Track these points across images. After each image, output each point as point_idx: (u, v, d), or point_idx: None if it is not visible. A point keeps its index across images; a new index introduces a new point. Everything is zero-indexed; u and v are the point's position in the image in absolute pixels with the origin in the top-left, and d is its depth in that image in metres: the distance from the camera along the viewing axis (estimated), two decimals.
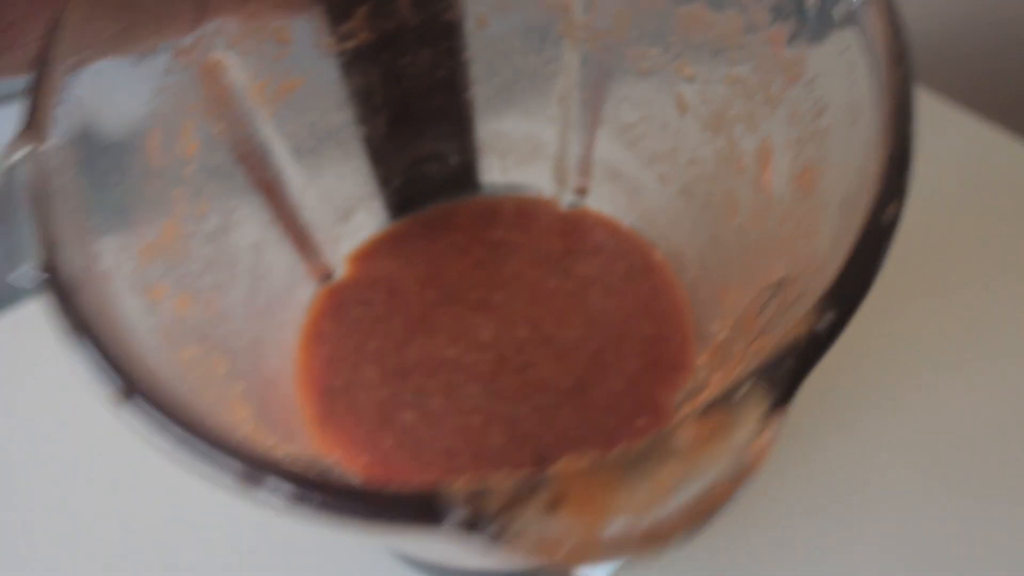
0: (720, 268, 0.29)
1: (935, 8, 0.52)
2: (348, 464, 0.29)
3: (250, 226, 0.29)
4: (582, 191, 0.35)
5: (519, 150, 0.34)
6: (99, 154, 0.21)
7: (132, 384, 0.16)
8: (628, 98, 0.30)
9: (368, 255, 0.34)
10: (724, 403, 0.16)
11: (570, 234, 0.34)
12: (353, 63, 0.29)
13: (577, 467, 0.16)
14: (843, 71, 0.20)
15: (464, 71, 0.31)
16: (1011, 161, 0.41)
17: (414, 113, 0.32)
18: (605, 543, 0.15)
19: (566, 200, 0.35)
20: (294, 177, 0.30)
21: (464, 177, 0.35)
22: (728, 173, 0.27)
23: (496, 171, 0.35)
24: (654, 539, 0.15)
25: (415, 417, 0.30)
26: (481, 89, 0.31)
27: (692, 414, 0.16)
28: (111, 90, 0.21)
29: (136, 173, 0.22)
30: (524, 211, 0.35)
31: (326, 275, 0.34)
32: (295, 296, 0.32)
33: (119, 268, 0.20)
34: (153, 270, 0.22)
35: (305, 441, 0.29)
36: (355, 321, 0.33)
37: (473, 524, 0.15)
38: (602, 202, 0.34)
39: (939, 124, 0.42)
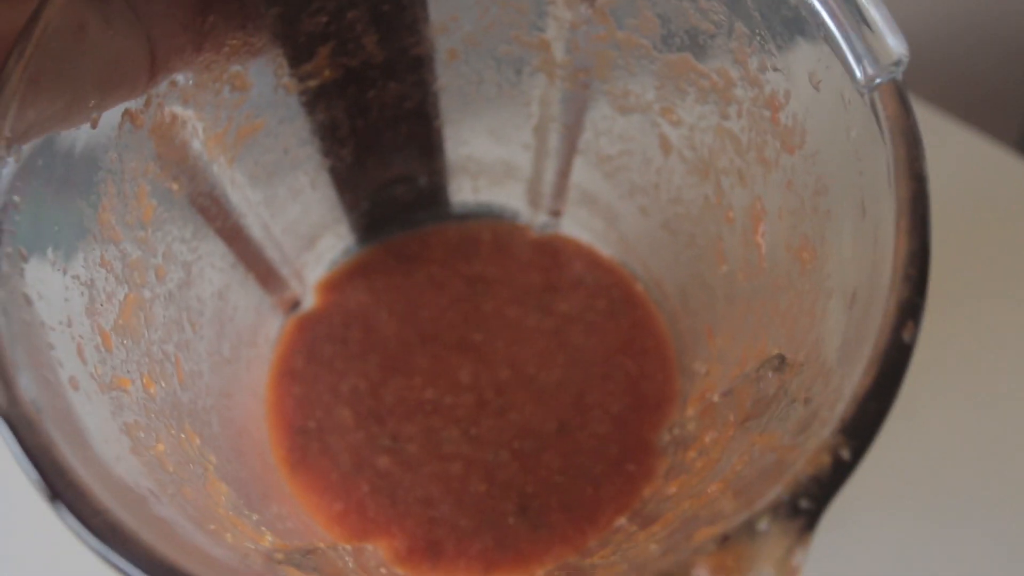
0: (704, 309, 0.29)
1: (924, 15, 0.52)
2: (321, 512, 0.29)
3: (213, 273, 0.27)
4: (556, 214, 0.33)
5: (491, 172, 0.33)
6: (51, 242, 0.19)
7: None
8: (608, 132, 0.29)
9: (339, 285, 0.33)
10: (746, 534, 0.15)
11: (549, 268, 0.33)
12: (317, 100, 0.27)
13: None
14: (850, 156, 0.19)
15: (434, 101, 0.29)
16: (998, 169, 0.40)
17: (382, 142, 0.30)
18: None
19: (540, 222, 0.34)
20: (256, 218, 0.28)
21: (434, 198, 0.34)
22: (715, 220, 0.26)
23: (467, 191, 0.34)
24: None
25: (391, 463, 0.29)
26: (452, 117, 0.30)
27: (710, 543, 0.15)
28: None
29: (92, 256, 0.21)
30: (500, 241, 0.34)
31: (294, 305, 0.32)
32: (262, 332, 0.31)
33: (82, 379, 0.19)
34: (118, 357, 0.21)
35: (285, 500, 0.28)
36: (329, 360, 0.31)
37: None
38: (578, 226, 0.33)
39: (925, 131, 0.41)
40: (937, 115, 0.41)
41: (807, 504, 0.15)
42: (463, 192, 0.34)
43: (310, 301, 0.33)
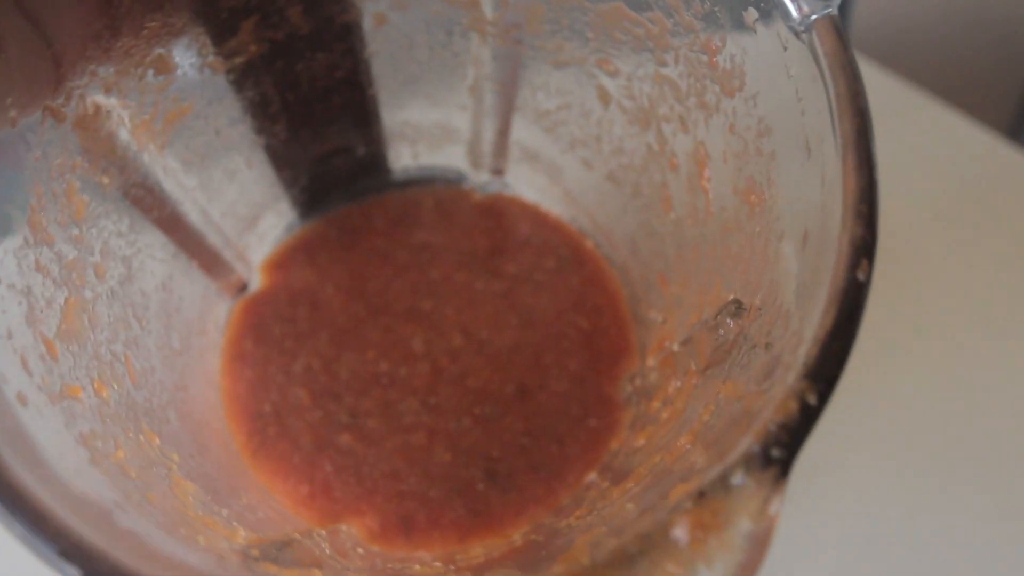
0: (655, 258, 0.28)
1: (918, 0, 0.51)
2: (288, 497, 0.28)
3: (155, 265, 0.26)
4: (499, 172, 0.33)
5: (430, 136, 0.32)
6: None
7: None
8: (545, 87, 0.28)
9: (283, 263, 0.32)
10: (721, 488, 0.15)
11: (494, 231, 0.33)
12: (244, 77, 0.26)
13: (576, 570, 0.15)
14: (791, 95, 0.19)
15: (366, 69, 0.28)
16: (986, 155, 0.40)
17: (315, 115, 0.29)
18: None
19: (481, 180, 0.33)
20: (194, 204, 0.28)
21: (374, 166, 0.33)
22: (659, 168, 0.26)
23: (407, 157, 0.33)
24: None
25: (353, 440, 0.29)
26: (386, 83, 0.29)
27: (686, 501, 0.15)
28: None
29: (27, 262, 0.20)
30: (443, 208, 0.34)
31: (241, 288, 0.32)
32: (211, 319, 0.30)
33: (30, 393, 0.18)
34: (65, 364, 0.20)
35: (253, 489, 0.27)
36: (278, 340, 0.31)
37: None
38: (521, 184, 0.33)
39: (911, 113, 0.41)
40: (929, 101, 0.41)
41: (778, 453, 0.15)
42: (403, 158, 0.33)
43: (257, 283, 0.32)
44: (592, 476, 0.28)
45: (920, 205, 0.38)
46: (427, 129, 0.32)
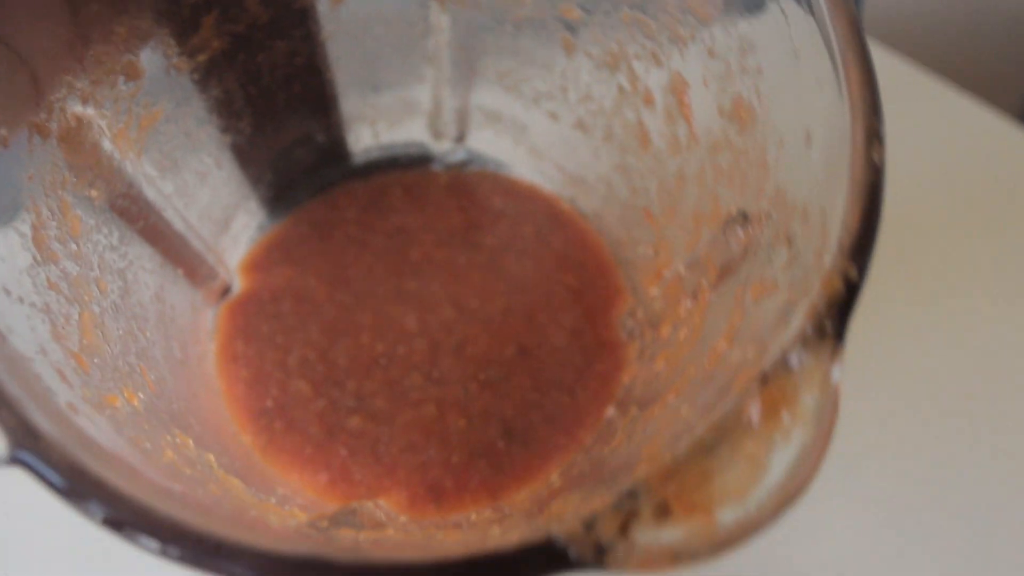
0: (635, 195, 0.29)
1: None
2: (310, 487, 0.28)
3: (146, 276, 0.26)
4: (461, 139, 0.33)
5: (389, 113, 0.32)
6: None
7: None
8: (506, 48, 0.29)
9: (260, 263, 0.32)
10: (783, 369, 0.16)
11: (467, 208, 0.33)
12: (209, 74, 0.26)
13: (659, 468, 0.16)
14: (773, 10, 0.20)
15: (323, 52, 0.28)
16: (993, 136, 0.40)
17: (277, 106, 0.29)
18: (724, 534, 0.15)
19: (444, 150, 0.34)
20: (174, 212, 0.27)
21: (335, 153, 0.33)
22: (633, 107, 0.27)
23: (367, 138, 0.33)
24: (766, 517, 0.15)
25: (363, 422, 0.29)
26: (344, 65, 0.29)
27: (753, 386, 0.16)
28: None
29: (39, 281, 0.20)
30: (411, 192, 0.34)
31: (224, 292, 0.31)
32: (202, 327, 0.30)
33: (77, 403, 0.18)
34: (95, 376, 0.20)
35: (281, 484, 0.27)
36: (268, 337, 0.31)
37: (600, 554, 0.15)
38: (485, 145, 0.33)
39: (921, 97, 0.41)
40: (939, 84, 0.41)
41: (831, 326, 0.16)
42: (363, 140, 0.33)
43: (237, 286, 0.32)
44: (610, 411, 0.28)
45: (930, 188, 0.39)
46: (386, 106, 0.32)
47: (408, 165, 0.35)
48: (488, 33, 0.28)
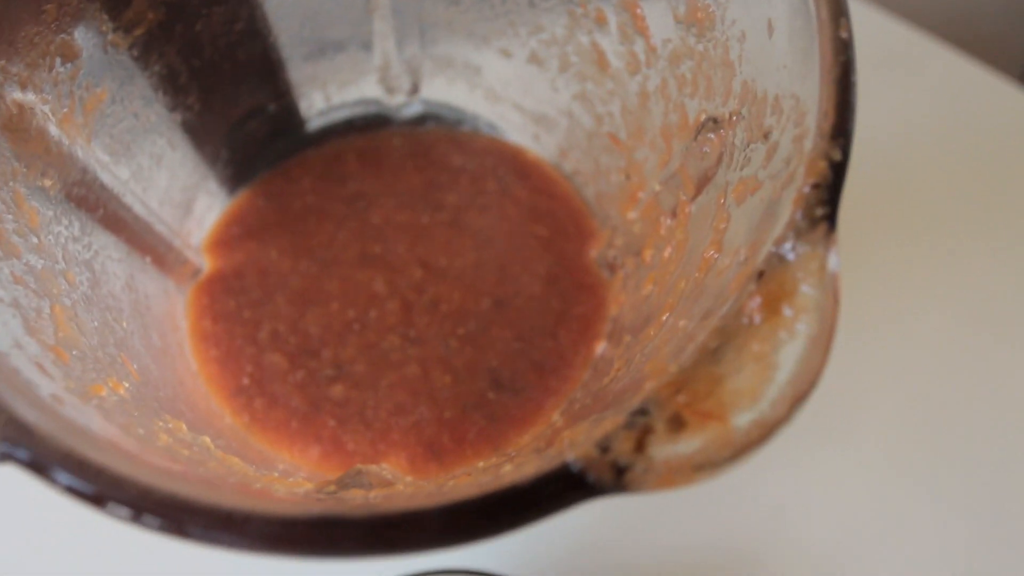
0: (600, 121, 0.29)
1: None
2: (299, 461, 0.28)
3: (114, 266, 0.25)
4: (415, 91, 0.33)
5: (338, 74, 0.32)
6: None
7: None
8: None
9: (223, 241, 0.31)
10: (777, 261, 0.16)
11: (424, 168, 0.32)
12: (148, 49, 0.25)
13: (667, 381, 0.16)
14: None
15: (263, 15, 0.28)
16: (991, 97, 0.40)
17: (223, 78, 0.28)
18: (741, 438, 0.15)
19: (398, 102, 0.33)
20: (134, 197, 0.26)
21: (288, 121, 0.32)
22: (585, 30, 0.26)
23: (320, 102, 0.32)
24: (782, 415, 0.15)
25: (346, 389, 0.28)
26: (286, 26, 0.28)
27: (748, 284, 0.16)
28: None
29: (4, 276, 0.19)
30: (366, 157, 0.33)
31: (195, 275, 0.31)
32: (178, 312, 0.29)
33: (62, 394, 0.17)
34: (77, 368, 0.19)
35: (279, 460, 0.27)
36: (235, 313, 0.30)
37: (619, 475, 0.14)
38: (440, 94, 0.33)
39: (917, 58, 0.41)
40: (941, 47, 0.41)
41: (821, 210, 0.16)
42: (316, 105, 0.33)
43: (205, 267, 0.31)
44: (602, 346, 0.28)
45: (932, 150, 0.38)
46: (334, 68, 0.31)
47: (365, 127, 0.34)
48: None
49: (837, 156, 0.16)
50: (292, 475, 0.23)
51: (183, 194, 0.30)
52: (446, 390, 0.28)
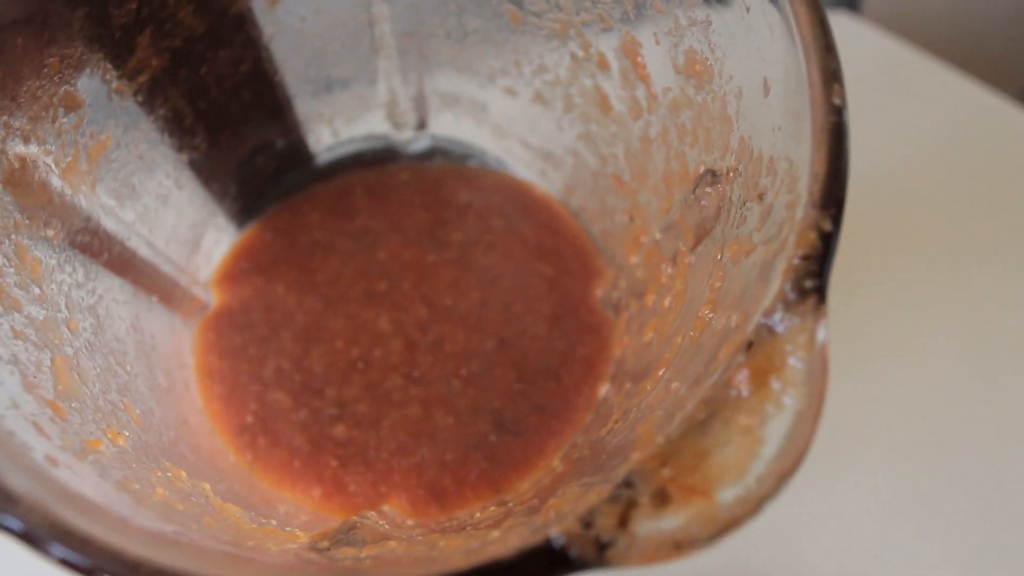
0: (604, 163, 0.29)
1: None
2: (302, 502, 0.28)
3: (119, 309, 0.25)
4: (422, 126, 0.33)
5: (345, 110, 0.32)
6: None
7: None
8: (453, 30, 0.28)
9: (231, 276, 0.32)
10: (766, 333, 0.16)
11: (432, 205, 0.32)
12: (153, 94, 0.25)
13: (654, 452, 0.15)
14: None
15: (268, 56, 0.28)
16: (992, 116, 0.40)
17: (230, 117, 0.29)
18: (726, 514, 0.15)
19: (405, 138, 0.33)
20: (139, 239, 0.27)
21: (297, 156, 0.33)
22: (588, 73, 0.26)
23: (327, 137, 0.33)
24: (768, 491, 0.15)
25: (348, 429, 0.28)
26: (291, 66, 0.29)
27: (737, 356, 0.16)
28: None
29: (3, 332, 0.19)
30: (373, 192, 0.33)
31: (202, 310, 0.31)
32: (185, 350, 0.30)
33: (56, 454, 0.17)
34: (75, 422, 0.20)
35: (281, 501, 0.27)
36: (240, 349, 0.30)
37: (601, 550, 0.14)
38: (447, 129, 0.33)
39: (919, 78, 0.41)
40: (942, 69, 0.41)
41: (811, 282, 0.16)
42: (323, 140, 0.33)
43: (213, 302, 0.31)
44: (605, 388, 0.28)
45: (935, 171, 0.38)
46: (342, 103, 0.31)
47: (373, 161, 0.34)
48: (432, 15, 0.28)
49: (827, 227, 0.16)
50: (291, 521, 0.24)
51: (191, 231, 0.30)
52: (448, 431, 0.28)
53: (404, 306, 0.30)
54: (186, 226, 0.30)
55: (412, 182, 0.33)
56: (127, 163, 0.26)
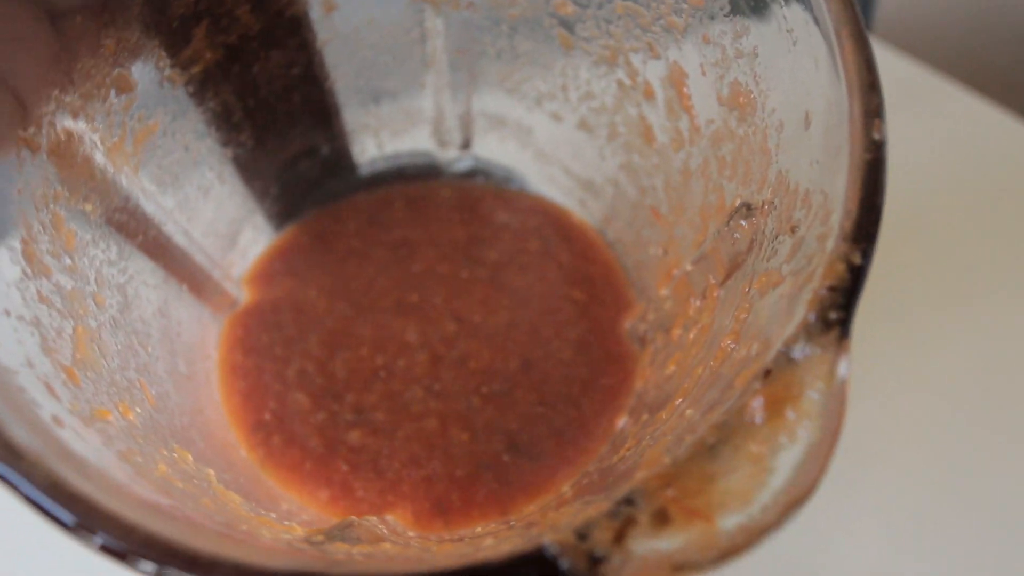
0: (643, 194, 0.29)
1: None
2: (307, 502, 0.27)
3: (148, 292, 0.26)
4: (466, 146, 0.33)
5: (392, 123, 0.32)
6: None
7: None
8: (503, 49, 0.28)
9: (264, 275, 0.32)
10: (786, 362, 0.15)
11: (470, 222, 0.33)
12: (204, 87, 0.26)
13: (658, 473, 0.15)
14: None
15: (320, 61, 0.28)
16: (1009, 137, 0.39)
17: (278, 117, 0.29)
18: (726, 541, 0.14)
19: (450, 157, 0.33)
20: (176, 226, 0.27)
21: (340, 165, 0.33)
22: (634, 102, 0.26)
23: (372, 148, 0.33)
24: (771, 522, 0.14)
25: (363, 435, 0.28)
26: (342, 73, 0.29)
27: (754, 383, 0.15)
28: None
29: (29, 295, 0.20)
30: (414, 205, 0.33)
31: (232, 307, 0.31)
32: (210, 342, 0.30)
33: (64, 416, 0.17)
34: (88, 390, 0.20)
35: (286, 499, 0.27)
36: (267, 348, 0.30)
37: (594, 564, 0.14)
38: (491, 151, 0.33)
39: (934, 100, 0.41)
40: (954, 87, 0.41)
41: (836, 314, 0.15)
42: (368, 151, 0.33)
43: (243, 298, 0.32)
44: (623, 420, 0.28)
45: (947, 190, 0.38)
46: (388, 116, 0.32)
47: (415, 176, 0.34)
48: (484, 34, 0.28)
49: (857, 260, 0.16)
50: (290, 518, 0.23)
51: (229, 226, 0.31)
52: (462, 447, 0.28)
53: (433, 319, 0.30)
54: (225, 221, 0.30)
55: (452, 199, 0.33)
56: (172, 151, 0.26)
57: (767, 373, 0.15)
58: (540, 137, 0.31)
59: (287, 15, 0.26)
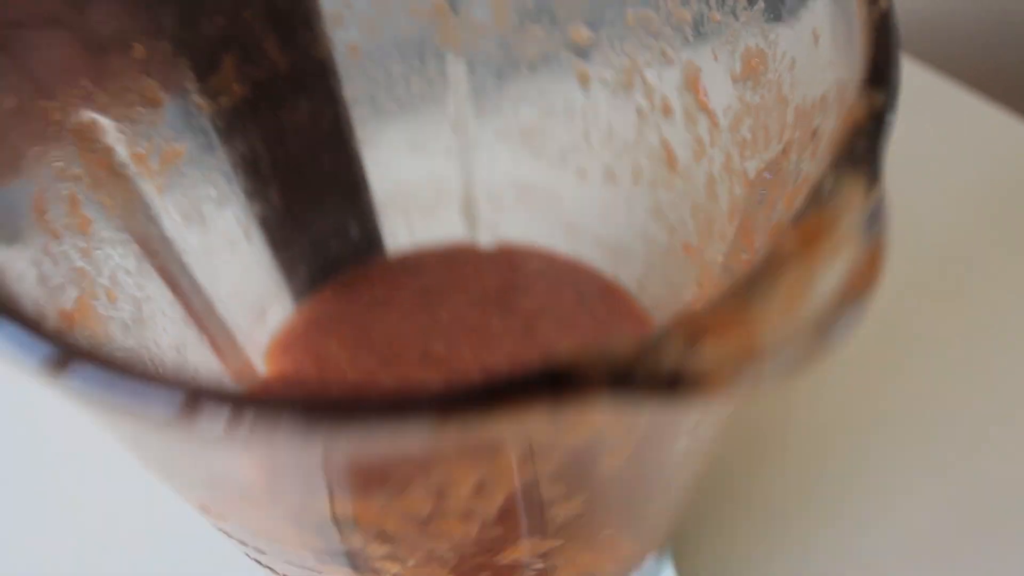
0: (673, 233, 0.28)
1: None
2: None
3: (165, 323, 0.25)
4: (496, 224, 0.33)
5: (421, 200, 0.32)
6: None
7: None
8: (525, 96, 0.29)
9: (285, 344, 0.31)
10: (816, 200, 0.14)
11: (504, 271, 0.32)
12: (232, 124, 0.27)
13: (687, 314, 0.13)
14: None
15: (347, 116, 0.29)
16: (1014, 142, 0.40)
17: (306, 180, 0.30)
18: (767, 350, 0.12)
19: (483, 239, 0.33)
20: (199, 266, 0.27)
21: (369, 248, 0.33)
22: (654, 127, 0.26)
23: (403, 232, 0.33)
24: (815, 331, 0.12)
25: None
26: (369, 134, 0.30)
27: (787, 223, 0.14)
28: None
29: (37, 242, 0.19)
30: (445, 258, 0.33)
31: (252, 379, 0.30)
32: None
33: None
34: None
35: None
36: None
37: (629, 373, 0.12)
38: (522, 228, 0.33)
39: (946, 106, 0.42)
40: (963, 93, 0.42)
41: (862, 147, 0.14)
42: (399, 236, 0.33)
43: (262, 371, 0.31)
44: None
45: (956, 195, 0.38)
46: (417, 189, 0.32)
47: None
48: (505, 80, 0.29)
49: (879, 101, 0.15)
50: None
51: (257, 299, 0.30)
52: None
53: (462, 371, 0.29)
54: (252, 289, 0.30)
55: (487, 252, 0.33)
56: (198, 184, 0.26)
57: (796, 216, 0.14)
58: (568, 203, 0.31)
59: (314, 57, 0.27)
